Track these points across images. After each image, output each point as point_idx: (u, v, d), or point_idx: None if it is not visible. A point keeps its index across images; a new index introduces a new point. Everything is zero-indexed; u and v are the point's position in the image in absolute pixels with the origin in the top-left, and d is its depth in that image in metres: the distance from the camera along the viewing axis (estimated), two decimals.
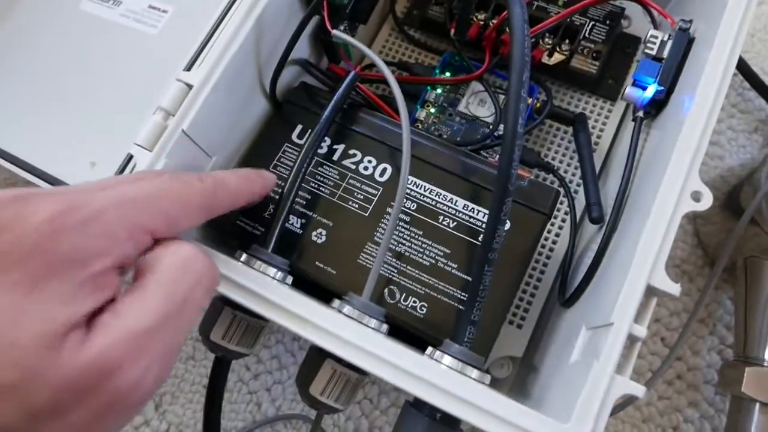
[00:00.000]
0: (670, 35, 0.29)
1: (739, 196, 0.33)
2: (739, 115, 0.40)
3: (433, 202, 0.29)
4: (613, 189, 0.30)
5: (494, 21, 0.38)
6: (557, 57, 0.37)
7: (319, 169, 0.30)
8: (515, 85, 0.23)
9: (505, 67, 0.37)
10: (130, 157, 0.26)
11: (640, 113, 0.29)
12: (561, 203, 0.36)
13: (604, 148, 0.37)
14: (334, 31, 0.29)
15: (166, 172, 0.24)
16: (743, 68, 0.39)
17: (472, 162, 0.30)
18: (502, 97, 0.37)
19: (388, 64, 0.40)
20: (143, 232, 0.20)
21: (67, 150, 0.33)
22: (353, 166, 0.30)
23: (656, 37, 0.29)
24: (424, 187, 0.30)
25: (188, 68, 0.27)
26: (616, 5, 0.39)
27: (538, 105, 0.36)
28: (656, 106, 0.29)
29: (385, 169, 0.30)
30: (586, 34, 0.37)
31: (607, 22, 0.38)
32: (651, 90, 0.28)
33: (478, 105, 0.37)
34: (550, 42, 0.37)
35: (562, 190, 0.31)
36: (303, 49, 0.33)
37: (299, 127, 0.32)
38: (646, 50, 0.29)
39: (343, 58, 0.34)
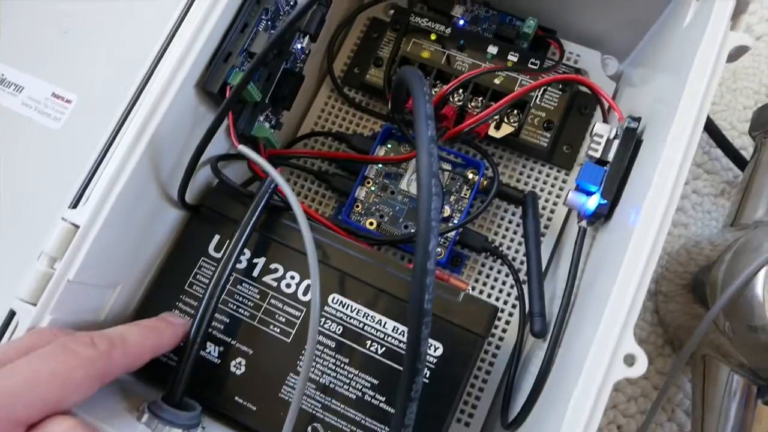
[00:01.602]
0: (617, 133, 0.26)
1: (703, 284, 0.31)
2: (704, 176, 0.37)
3: (360, 325, 0.27)
4: (563, 279, 0.28)
5: (436, 90, 0.35)
6: (505, 129, 0.34)
7: (238, 287, 0.28)
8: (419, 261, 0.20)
9: (452, 140, 0.34)
10: (12, 314, 0.23)
11: (583, 223, 0.26)
12: (509, 295, 0.34)
13: (559, 223, 0.35)
14: (240, 147, 0.26)
15: (49, 333, 0.22)
16: (709, 125, 0.36)
17: (404, 275, 0.28)
18: (447, 173, 0.34)
19: (324, 134, 0.37)
20: (18, 425, 0.18)
21: None
22: (275, 284, 0.28)
23: (601, 136, 0.26)
24: (350, 306, 0.27)
25: (74, 204, 0.24)
26: (570, 66, 0.35)
27: (485, 183, 0.34)
28: (601, 216, 0.26)
29: (308, 287, 0.28)
30: (537, 101, 0.34)
31: (560, 86, 0.34)
32: (594, 201, 0.25)
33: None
34: (497, 114, 0.34)
35: (500, 304, 0.28)
36: (221, 144, 0.30)
37: (216, 238, 0.29)
38: (590, 151, 0.26)
39: (261, 155, 0.31)
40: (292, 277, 0.28)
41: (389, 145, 0.35)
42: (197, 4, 0.26)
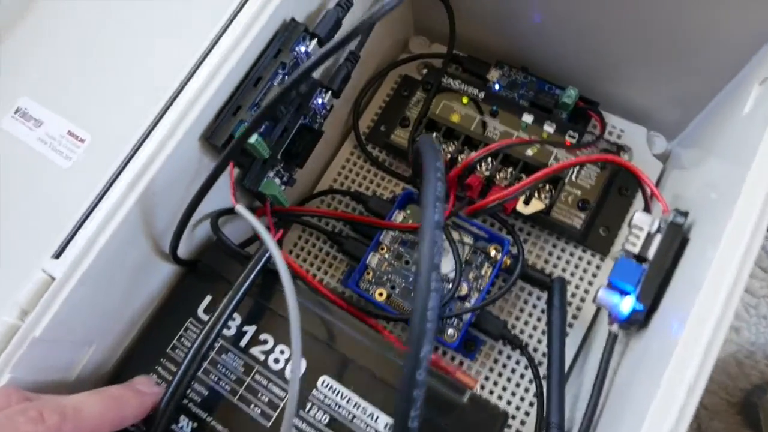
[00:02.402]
0: (659, 227, 0.23)
1: (756, 408, 0.26)
2: (761, 274, 0.33)
3: (350, 416, 0.24)
4: (589, 381, 0.24)
5: (463, 157, 0.32)
6: (535, 205, 0.31)
7: (222, 356, 0.25)
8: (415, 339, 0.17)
9: (474, 215, 0.32)
10: None
11: (615, 327, 0.23)
12: (527, 391, 0.30)
13: (589, 314, 0.31)
14: (237, 207, 0.24)
15: (2, 395, 0.20)
16: None
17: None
18: (467, 247, 0.31)
19: (342, 192, 0.35)
20: None
21: None
22: (262, 357, 0.25)
23: (641, 228, 0.23)
24: (341, 393, 0.24)
25: (57, 253, 0.23)
26: (612, 143, 0.32)
27: (509, 262, 0.31)
28: (637, 322, 0.23)
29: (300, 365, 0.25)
30: (572, 178, 0.31)
31: (599, 163, 0.31)
32: (628, 304, 0.22)
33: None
34: (528, 189, 0.31)
35: (515, 400, 0.25)
36: (225, 198, 0.29)
37: (208, 299, 0.27)
38: (628, 244, 0.23)
39: (267, 213, 0.29)
40: (282, 352, 0.25)
41: (408, 211, 0.33)
42: (213, 53, 0.25)
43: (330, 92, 0.30)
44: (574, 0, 0.29)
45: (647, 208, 0.27)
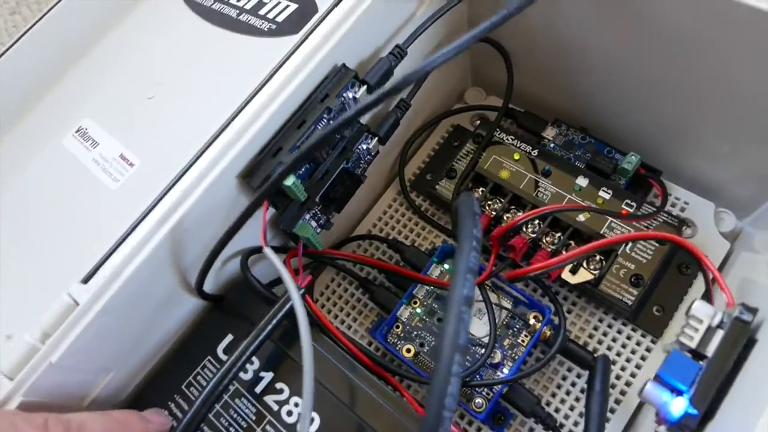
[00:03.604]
0: (722, 321, 0.20)
1: None
2: None
3: None
4: None
5: (509, 216, 0.31)
6: (583, 275, 0.28)
7: (235, 400, 0.25)
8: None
9: (515, 279, 0.30)
10: None
11: (662, 429, 0.20)
12: None
13: (632, 404, 0.28)
14: (265, 249, 0.24)
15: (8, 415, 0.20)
16: None
17: None
18: (505, 312, 0.30)
19: (380, 239, 0.34)
20: None
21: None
22: (276, 407, 0.24)
23: (700, 321, 0.20)
24: None
25: (86, 279, 0.23)
26: (675, 216, 0.30)
27: (548, 333, 0.28)
28: (688, 429, 0.20)
29: (312, 420, 0.24)
30: (626, 250, 0.29)
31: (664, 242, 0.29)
32: (680, 406, 0.20)
33: (473, 316, 0.30)
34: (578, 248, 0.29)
35: None
36: (258, 236, 0.28)
37: (228, 338, 0.26)
38: (683, 337, 0.21)
39: (298, 256, 0.28)
40: (296, 405, 0.24)
41: (446, 266, 0.32)
42: (261, 93, 0.25)
43: (376, 138, 0.29)
44: (643, 59, 0.28)
45: (708, 296, 0.25)
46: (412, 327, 0.30)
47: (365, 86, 0.26)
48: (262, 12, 0.35)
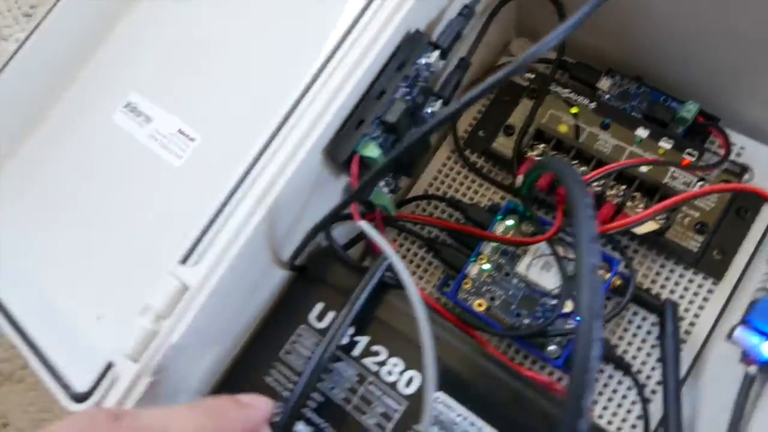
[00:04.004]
0: None
1: None
2: None
3: None
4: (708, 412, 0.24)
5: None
6: (649, 225, 0.29)
7: (335, 364, 0.26)
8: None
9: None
10: (108, 367, 0.22)
11: (753, 369, 0.22)
12: (629, 412, 0.29)
13: (699, 340, 0.30)
14: (361, 223, 0.24)
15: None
16: None
17: (529, 392, 0.24)
18: (570, 266, 0.31)
19: (439, 198, 0.35)
20: None
21: (74, 292, 0.30)
22: (375, 368, 0.26)
23: None
24: (455, 410, 0.24)
25: (184, 259, 0.23)
26: (735, 163, 0.31)
27: (618, 283, 0.30)
28: None
29: (411, 379, 0.25)
30: (691, 200, 0.30)
31: (724, 179, 0.30)
32: None
33: (541, 269, 0.31)
34: (642, 206, 0.30)
35: (616, 421, 0.24)
36: (331, 203, 0.29)
37: (319, 306, 0.27)
38: None
39: (379, 225, 0.29)
40: (395, 365, 0.25)
41: (510, 222, 0.32)
42: (335, 65, 0.25)
43: (440, 101, 0.29)
44: (698, 3, 0.28)
45: None
46: (481, 282, 0.32)
47: (438, 51, 0.26)
48: None
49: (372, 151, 0.24)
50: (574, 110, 0.32)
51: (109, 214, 0.32)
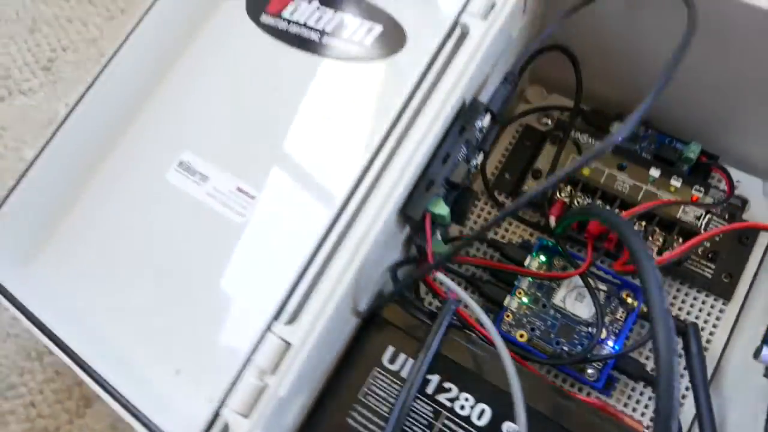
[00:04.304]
0: None
1: None
2: None
3: None
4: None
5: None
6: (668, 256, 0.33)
7: (413, 402, 0.28)
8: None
9: (609, 256, 0.34)
10: (215, 417, 0.24)
11: None
12: None
13: (715, 354, 0.34)
14: (439, 275, 0.27)
15: None
16: None
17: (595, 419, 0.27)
18: (602, 295, 0.34)
19: (476, 238, 0.38)
20: None
21: (150, 346, 0.32)
22: (449, 404, 0.28)
23: None
24: None
25: (276, 315, 0.25)
26: (738, 197, 0.35)
27: (646, 309, 0.33)
28: None
29: (483, 411, 0.28)
30: (702, 232, 0.34)
31: (726, 217, 0.34)
32: None
33: (575, 300, 0.34)
34: (660, 239, 0.34)
35: None
36: (396, 250, 0.31)
37: (390, 350, 0.30)
38: None
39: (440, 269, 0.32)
40: (467, 399, 0.28)
41: (542, 258, 0.36)
42: (411, 135, 0.27)
43: (482, 152, 0.32)
44: (701, 61, 0.32)
45: None
46: (521, 315, 0.35)
47: (490, 115, 0.29)
48: (345, 35, 0.36)
49: (442, 208, 0.27)
50: None
51: (174, 270, 0.34)
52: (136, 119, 0.39)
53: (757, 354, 0.26)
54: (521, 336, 0.34)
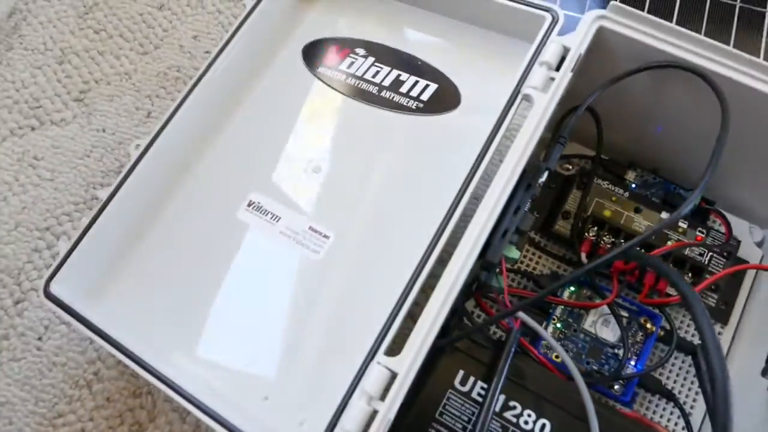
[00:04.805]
0: None
1: None
2: None
3: None
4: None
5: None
6: None
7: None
8: None
9: (631, 288, 0.40)
10: None
11: None
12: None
13: None
14: (521, 314, 0.32)
15: None
16: None
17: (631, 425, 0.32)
18: (624, 320, 0.40)
19: (514, 271, 0.43)
20: None
21: (239, 375, 0.35)
22: (514, 419, 0.33)
23: None
24: None
25: (378, 345, 0.29)
26: (734, 237, 0.42)
27: (662, 334, 0.39)
28: None
29: (544, 425, 0.33)
30: (708, 268, 0.41)
31: (724, 254, 0.41)
32: None
33: (602, 325, 0.40)
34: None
35: None
36: None
37: (461, 373, 0.34)
38: None
39: (498, 301, 0.37)
40: (529, 415, 0.33)
41: (572, 288, 0.41)
42: (491, 192, 0.32)
43: (547, 171, 0.37)
44: (689, 117, 0.38)
45: None
46: (556, 338, 0.40)
47: (548, 171, 0.34)
48: (403, 90, 0.41)
49: (514, 253, 0.32)
50: (614, 198, 0.42)
51: (257, 303, 0.37)
52: (201, 161, 0.41)
53: (764, 372, 0.32)
54: (557, 357, 0.39)
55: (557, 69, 0.34)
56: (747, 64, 0.33)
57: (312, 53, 0.43)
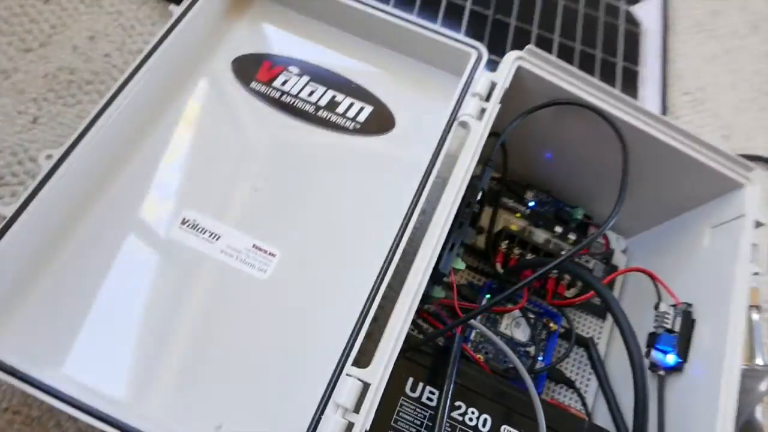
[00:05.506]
0: (677, 312, 0.40)
1: None
2: None
3: None
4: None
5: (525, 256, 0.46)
6: (572, 292, 0.46)
7: (433, 422, 0.35)
8: None
9: (535, 292, 0.46)
10: None
11: (662, 372, 0.40)
12: None
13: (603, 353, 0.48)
14: (474, 323, 0.35)
15: None
16: None
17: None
18: (531, 320, 0.46)
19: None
20: None
21: (188, 407, 0.33)
22: (460, 418, 0.36)
23: (668, 314, 0.40)
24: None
25: (345, 356, 0.30)
26: (610, 250, 0.50)
27: (563, 331, 0.46)
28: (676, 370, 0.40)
29: (486, 420, 0.36)
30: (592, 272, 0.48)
31: (604, 260, 0.49)
32: (672, 358, 0.39)
33: (514, 326, 0.45)
34: (569, 277, 0.47)
35: None
36: None
37: (410, 380, 0.36)
38: (664, 323, 0.40)
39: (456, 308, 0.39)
40: (473, 413, 0.36)
41: (488, 296, 0.46)
42: (440, 209, 0.34)
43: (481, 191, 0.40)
44: (569, 148, 0.46)
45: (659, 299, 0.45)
46: (477, 342, 0.44)
47: (482, 192, 0.38)
48: (339, 110, 0.42)
49: (460, 264, 0.35)
50: (518, 215, 0.48)
51: (203, 329, 0.35)
52: (124, 175, 0.38)
53: (647, 353, 0.40)
54: (480, 358, 0.44)
55: (487, 99, 0.38)
56: (629, 105, 0.40)
57: (242, 68, 0.42)
